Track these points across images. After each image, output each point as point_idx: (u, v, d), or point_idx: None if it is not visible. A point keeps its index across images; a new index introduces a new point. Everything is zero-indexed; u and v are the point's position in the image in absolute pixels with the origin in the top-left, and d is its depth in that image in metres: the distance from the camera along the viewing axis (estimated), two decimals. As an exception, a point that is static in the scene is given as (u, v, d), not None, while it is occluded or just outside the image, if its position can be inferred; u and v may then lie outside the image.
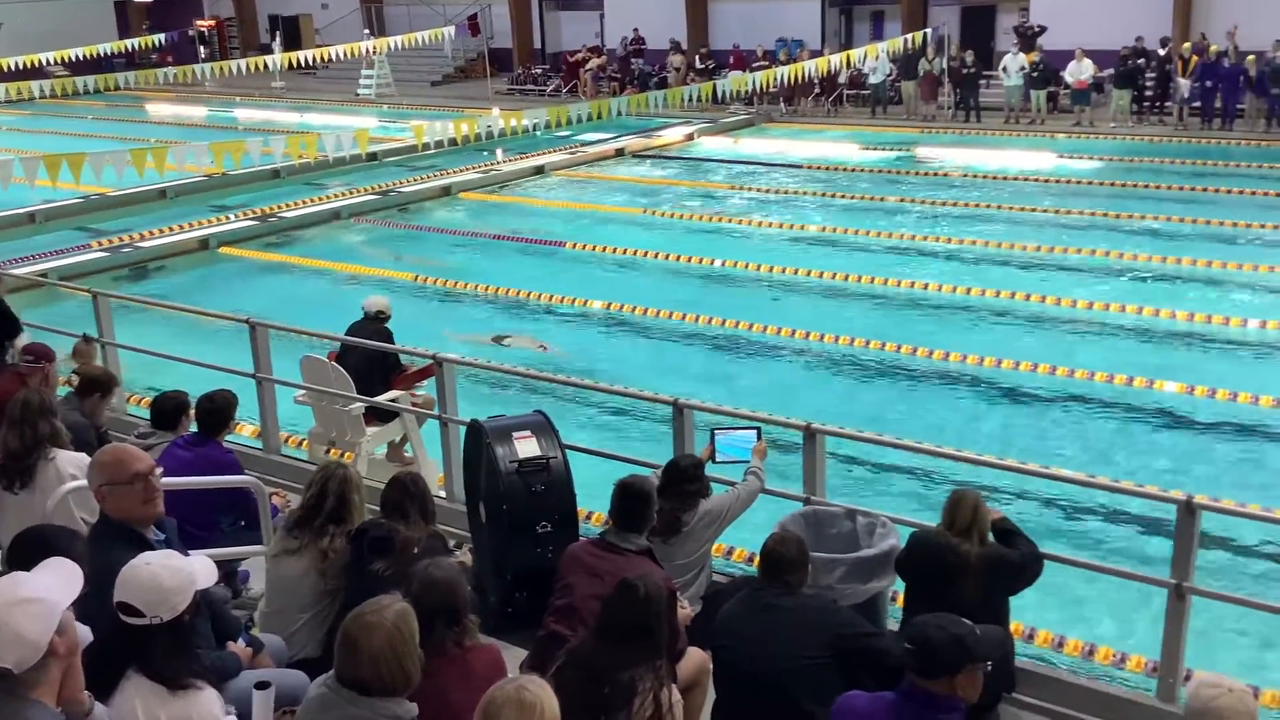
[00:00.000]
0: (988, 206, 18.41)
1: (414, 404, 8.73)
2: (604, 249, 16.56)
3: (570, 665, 4.03)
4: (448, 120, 20.98)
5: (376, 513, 5.37)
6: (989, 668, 3.85)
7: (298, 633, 5.19)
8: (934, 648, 3.75)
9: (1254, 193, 18.37)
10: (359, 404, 8.44)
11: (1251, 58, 22.81)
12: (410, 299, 14.28)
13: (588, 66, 32.42)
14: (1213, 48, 23.77)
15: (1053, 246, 15.69)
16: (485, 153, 24.01)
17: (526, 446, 6.19)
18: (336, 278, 15.89)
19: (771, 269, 15.18)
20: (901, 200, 19.20)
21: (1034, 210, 18.09)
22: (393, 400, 8.65)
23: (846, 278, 14.58)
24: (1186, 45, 24.08)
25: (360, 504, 5.28)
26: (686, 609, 5.11)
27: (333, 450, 8.94)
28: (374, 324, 8.94)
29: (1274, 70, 22.53)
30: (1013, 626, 6.82)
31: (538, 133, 24.45)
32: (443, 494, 7.62)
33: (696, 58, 31.10)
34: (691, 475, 5.62)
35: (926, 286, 14.15)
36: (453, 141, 21.99)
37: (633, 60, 32.54)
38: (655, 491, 5.27)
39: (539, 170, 22.79)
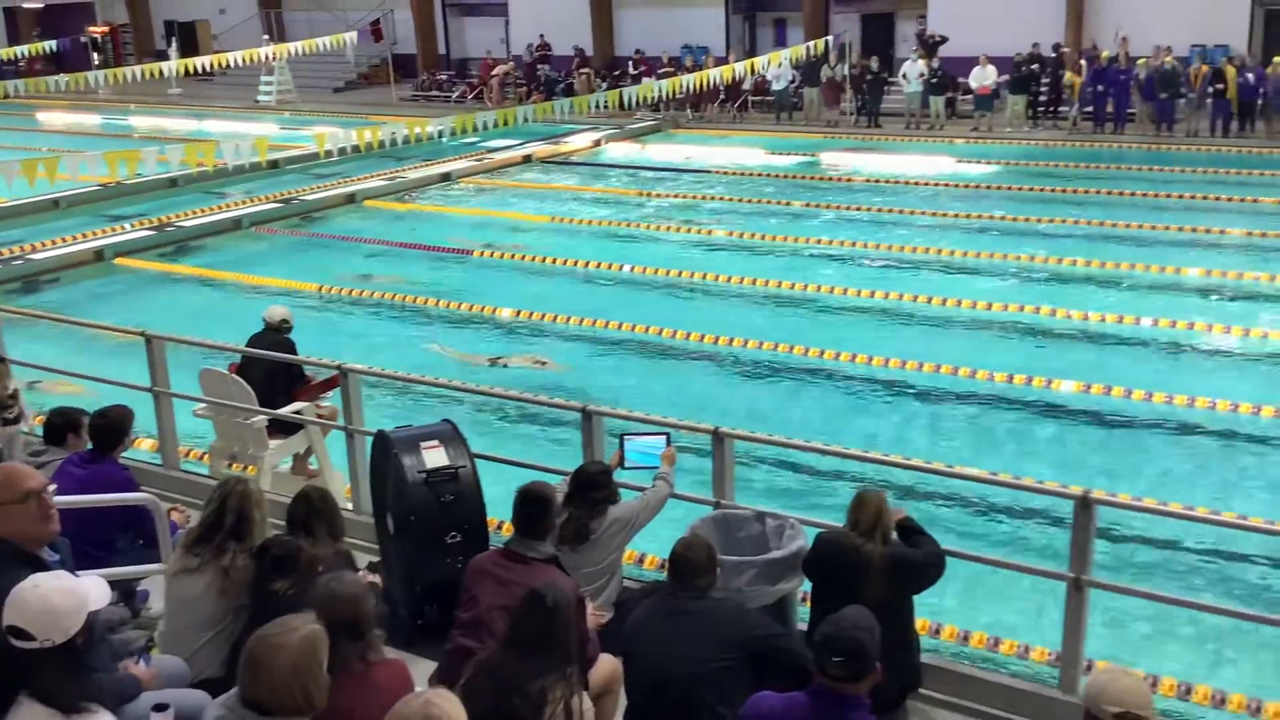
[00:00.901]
0: (891, 210, 18.73)
1: (319, 415, 8.58)
2: (512, 256, 16.49)
3: (479, 677, 3.99)
4: (351, 127, 20.69)
5: (282, 528, 5.27)
6: None
7: (199, 652, 5.06)
8: (865, 651, 3.77)
9: (1145, 194, 18.93)
10: (261, 417, 8.28)
11: (1142, 61, 23.53)
12: (314, 309, 14.07)
13: (494, 72, 32.30)
14: (1104, 53, 24.48)
15: (954, 249, 16.00)
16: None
17: (434, 456, 6.12)
18: (237, 288, 15.58)
19: (680, 274, 15.25)
20: (807, 205, 19.43)
21: (936, 214, 18.44)
22: (296, 412, 8.50)
23: (754, 282, 14.71)
24: (1069, 75, 24.74)
25: (262, 520, 5.17)
26: (600, 616, 5.09)
27: (235, 464, 8.75)
28: (275, 335, 8.77)
29: (1161, 76, 23.28)
30: (919, 623, 6.98)
31: (444, 140, 24.26)
32: (349, 506, 7.50)
33: (630, 64, 30.88)
34: (599, 482, 5.60)
35: (833, 290, 14.32)
36: (356, 149, 21.71)
37: (538, 67, 32.48)
38: (555, 497, 5.22)
39: (446, 177, 22.63)
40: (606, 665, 4.84)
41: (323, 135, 19.54)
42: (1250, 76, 22.59)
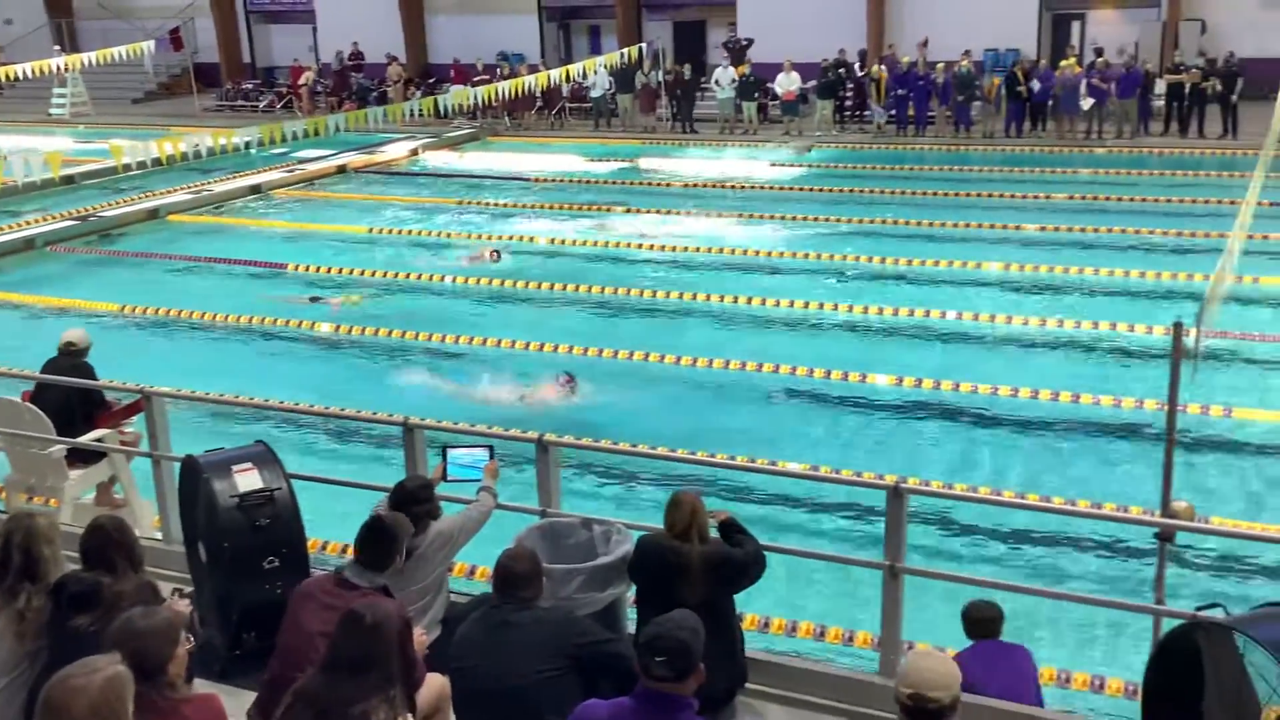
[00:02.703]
0: (708, 214, 19.01)
1: (122, 442, 8.18)
2: (329, 270, 16.09)
3: (298, 705, 3.84)
4: (150, 139, 19.84)
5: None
6: None
7: (-6, 701, 4.74)
8: (687, 650, 3.77)
9: (946, 194, 19.74)
10: (59, 446, 7.84)
11: (941, 65, 24.53)
12: (116, 331, 13.44)
13: (302, 80, 31.49)
14: (904, 59, 25.44)
15: (771, 250, 16.36)
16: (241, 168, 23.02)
17: (248, 479, 5.89)
18: (31, 311, 14.76)
19: (503, 283, 15.16)
20: (627, 210, 19.58)
21: (751, 216, 18.81)
22: (97, 440, 8.08)
23: (577, 288, 14.73)
24: (877, 68, 25.64)
25: (54, 556, 4.86)
26: (423, 635, 4.98)
27: (35, 497, 8.27)
28: (72, 359, 8.33)
29: (959, 80, 24.33)
30: (748, 618, 7.10)
31: (252, 150, 23.53)
32: (159, 536, 7.18)
33: (490, 65, 29.91)
34: (419, 496, 5.47)
35: (655, 294, 14.48)
36: (158, 161, 20.84)
37: (350, 75, 31.83)
38: (404, 534, 5.05)
39: (255, 189, 21.95)
40: (434, 684, 4.74)
41: (119, 148, 18.71)
42: (1039, 79, 23.82)
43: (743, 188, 21.22)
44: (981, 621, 5.63)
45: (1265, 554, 7.96)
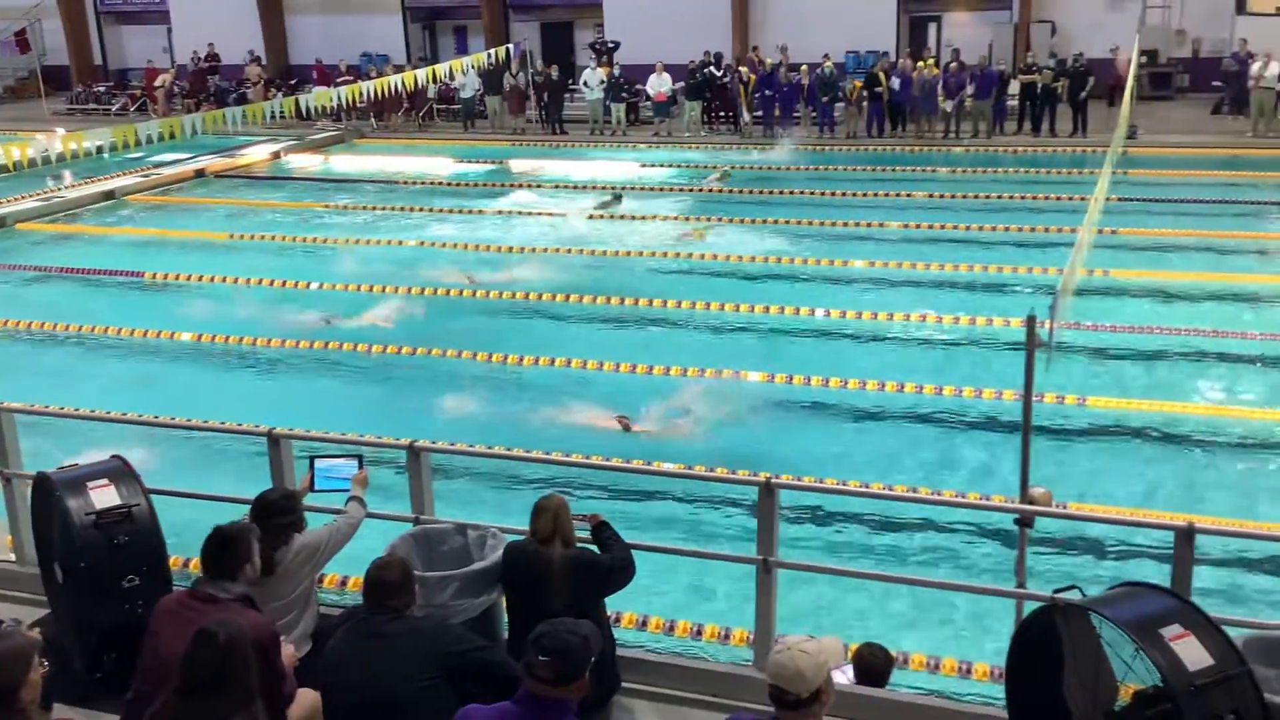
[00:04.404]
0: (576, 215, 18.97)
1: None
2: (188, 278, 15.60)
3: (158, 729, 3.73)
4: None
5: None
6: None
7: None
8: (572, 654, 3.77)
9: (814, 193, 20.07)
10: (-100, 468, 7.43)
11: (804, 67, 24.93)
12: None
13: (158, 82, 30.51)
14: (767, 60, 25.80)
15: (639, 251, 16.42)
16: (48, 179, 22.09)
17: (104, 496, 5.68)
18: None
19: (371, 289, 14.90)
20: (500, 212, 19.46)
21: (624, 217, 18.84)
22: (-58, 459, 7.68)
23: (423, 292, 14.56)
24: (744, 69, 25.94)
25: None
26: (291, 650, 4.87)
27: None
28: (-88, 376, 7.92)
29: (822, 82, 24.79)
30: (627, 617, 7.13)
31: (105, 155, 22.67)
32: (12, 558, 6.88)
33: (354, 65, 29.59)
34: (282, 507, 5.34)
35: (528, 296, 14.42)
36: (4, 168, 19.94)
37: (208, 76, 30.94)
38: (248, 536, 4.91)
39: (109, 195, 21.18)
40: (305, 700, 4.64)
41: (-37, 154, 17.87)
42: (899, 80, 24.42)
43: (613, 188, 21.23)
44: (871, 673, 5.58)
45: (1119, 535, 8.30)
